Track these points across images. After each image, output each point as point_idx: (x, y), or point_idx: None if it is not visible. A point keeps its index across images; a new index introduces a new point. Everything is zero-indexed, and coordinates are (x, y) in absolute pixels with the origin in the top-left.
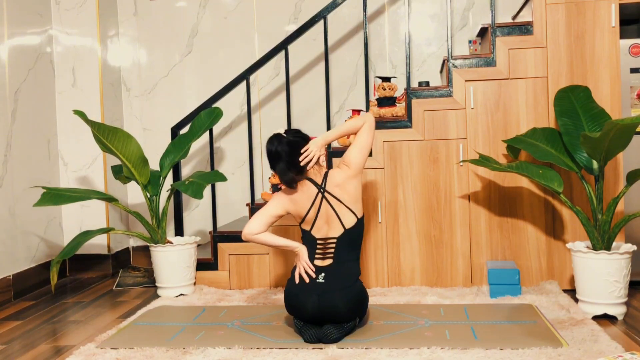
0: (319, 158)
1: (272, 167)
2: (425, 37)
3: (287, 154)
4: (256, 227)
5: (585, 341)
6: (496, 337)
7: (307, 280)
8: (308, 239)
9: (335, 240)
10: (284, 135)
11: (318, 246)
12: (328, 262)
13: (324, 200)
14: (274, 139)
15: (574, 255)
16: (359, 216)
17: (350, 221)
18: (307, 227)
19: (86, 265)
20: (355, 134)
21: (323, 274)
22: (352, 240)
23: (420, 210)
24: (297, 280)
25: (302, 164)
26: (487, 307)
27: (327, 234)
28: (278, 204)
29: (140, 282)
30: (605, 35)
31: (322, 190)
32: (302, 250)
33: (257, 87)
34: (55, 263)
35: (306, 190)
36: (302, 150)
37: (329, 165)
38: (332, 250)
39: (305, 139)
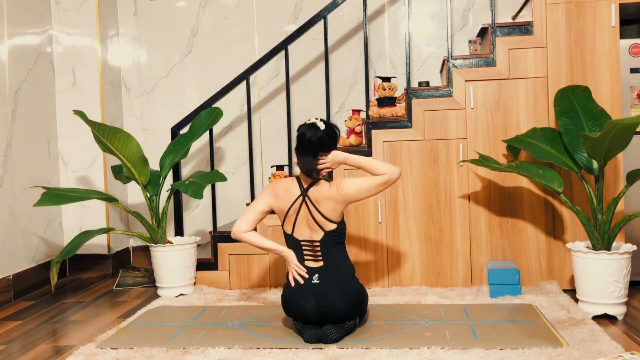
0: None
1: (298, 150)
2: (425, 37)
3: (314, 148)
4: (243, 226)
5: (585, 341)
6: (496, 337)
7: (301, 282)
8: (292, 242)
9: (319, 243)
10: (320, 128)
11: (305, 248)
12: (320, 263)
13: (303, 204)
14: (312, 128)
15: (574, 255)
16: (338, 221)
17: (330, 226)
18: (288, 230)
19: (86, 265)
20: (373, 174)
21: (317, 275)
22: (335, 240)
23: (420, 210)
24: (292, 284)
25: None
26: (487, 307)
27: (310, 237)
28: (262, 200)
29: (140, 282)
30: (605, 35)
31: (303, 194)
32: (289, 254)
33: (257, 87)
34: (55, 263)
35: (290, 188)
36: (321, 158)
37: (329, 176)
38: (319, 252)
39: (333, 145)
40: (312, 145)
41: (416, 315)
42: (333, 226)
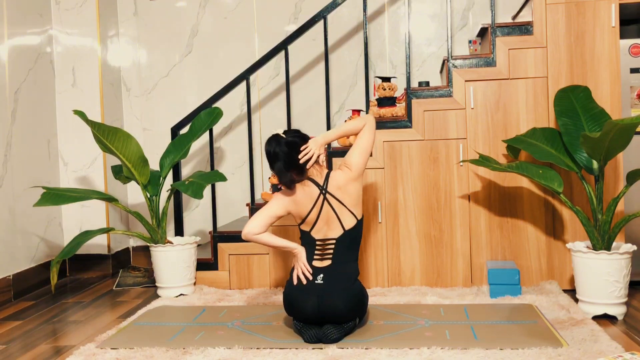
0: (318, 157)
1: (271, 167)
2: (425, 37)
3: (285, 154)
4: (256, 228)
5: (585, 341)
6: (496, 337)
7: (304, 281)
8: (307, 240)
9: (334, 241)
10: (283, 135)
11: (317, 247)
12: (327, 263)
13: (325, 202)
14: (272, 140)
15: (574, 255)
16: (359, 217)
17: (349, 222)
18: (306, 228)
19: (86, 265)
20: (355, 134)
21: (322, 275)
22: (351, 241)
23: (420, 210)
24: (295, 282)
25: (301, 161)
26: (487, 307)
27: (326, 235)
28: (279, 204)
29: (140, 282)
30: (605, 35)
31: (323, 191)
32: (300, 251)
33: (257, 87)
34: (55, 263)
35: (308, 191)
36: (302, 149)
37: (330, 166)
38: (331, 251)
39: (304, 139)
40: (279, 154)
41: (416, 315)
42: (353, 222)
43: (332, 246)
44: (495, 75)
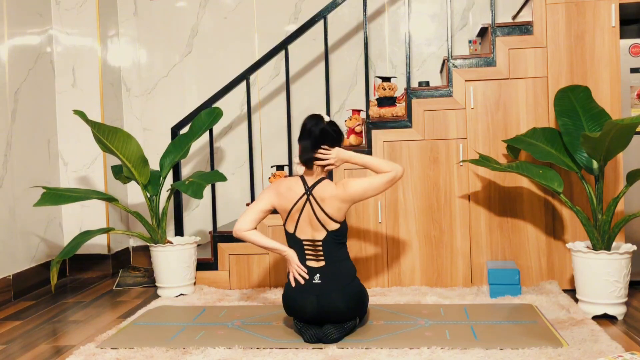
0: (327, 166)
1: (300, 139)
2: (425, 37)
3: (316, 138)
4: (245, 224)
5: (585, 341)
6: (496, 337)
7: (302, 282)
8: (294, 242)
9: (321, 242)
10: (326, 120)
11: (307, 248)
12: (321, 263)
13: (307, 203)
14: (315, 118)
15: (574, 255)
16: (341, 221)
17: (333, 225)
18: (290, 229)
19: (86, 265)
20: (377, 172)
21: (318, 275)
22: (337, 240)
23: (420, 210)
24: (293, 284)
25: (315, 156)
26: (487, 307)
27: (312, 236)
28: (265, 199)
29: (140, 282)
30: (605, 35)
31: (308, 193)
32: (290, 254)
33: (257, 87)
34: (55, 263)
35: (293, 187)
36: (325, 147)
37: (329, 175)
38: (322, 252)
39: (337, 140)
40: (312, 134)
41: (416, 315)
42: (336, 226)
43: (321, 247)
44: (495, 75)
